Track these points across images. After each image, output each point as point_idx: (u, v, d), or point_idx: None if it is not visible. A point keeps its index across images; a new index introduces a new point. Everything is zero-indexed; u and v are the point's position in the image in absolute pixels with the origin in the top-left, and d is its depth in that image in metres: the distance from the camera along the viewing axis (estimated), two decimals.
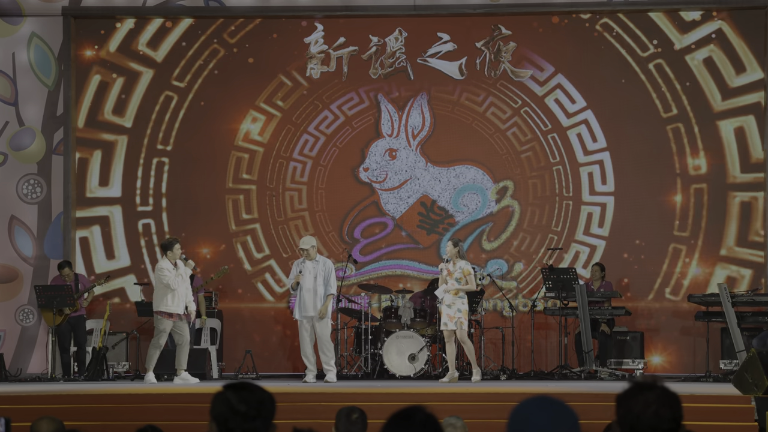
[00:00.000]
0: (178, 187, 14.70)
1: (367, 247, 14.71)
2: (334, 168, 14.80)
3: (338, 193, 14.76)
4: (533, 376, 13.00)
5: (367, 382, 12.28)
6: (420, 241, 14.69)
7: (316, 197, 14.78)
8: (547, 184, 14.55)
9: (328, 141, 14.83)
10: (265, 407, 3.31)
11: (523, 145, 14.60)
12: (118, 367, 13.70)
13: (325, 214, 14.77)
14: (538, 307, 13.72)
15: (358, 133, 14.82)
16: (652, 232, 14.19)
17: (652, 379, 3.10)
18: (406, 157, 14.75)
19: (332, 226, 14.72)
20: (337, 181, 14.77)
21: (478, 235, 14.58)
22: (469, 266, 11.87)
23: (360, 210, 14.73)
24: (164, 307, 11.92)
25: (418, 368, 12.76)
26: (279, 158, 14.84)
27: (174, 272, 11.88)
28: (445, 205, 14.65)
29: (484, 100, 14.66)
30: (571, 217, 14.40)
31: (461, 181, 14.65)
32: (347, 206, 14.75)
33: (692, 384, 11.72)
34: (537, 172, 14.60)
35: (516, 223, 14.56)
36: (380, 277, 14.59)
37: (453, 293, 11.70)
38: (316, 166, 14.81)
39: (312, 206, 14.77)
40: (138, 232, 14.68)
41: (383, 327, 13.26)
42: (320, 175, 14.79)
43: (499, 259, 14.49)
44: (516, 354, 13.47)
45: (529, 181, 14.58)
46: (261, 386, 3.37)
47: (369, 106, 14.81)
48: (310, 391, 10.30)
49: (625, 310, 13.31)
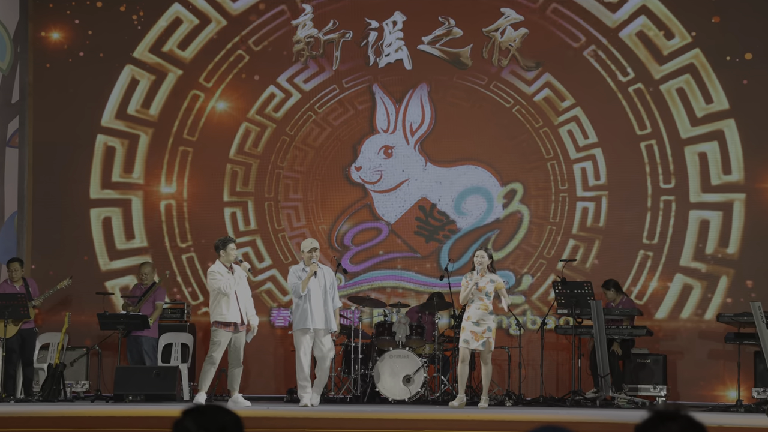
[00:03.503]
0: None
1: (358, 255, 14.75)
2: (321, 167, 14.83)
3: (327, 195, 14.81)
4: (542, 402, 12.98)
5: (357, 407, 12.17)
6: (418, 250, 14.72)
7: (305, 197, 14.81)
8: (566, 185, 14.58)
9: (313, 141, 14.88)
10: (229, 431, 3.33)
11: (534, 133, 14.63)
12: (76, 387, 13.71)
13: (312, 217, 14.79)
14: (548, 325, 13.72)
15: (350, 128, 14.87)
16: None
17: (676, 407, 3.09)
18: (403, 156, 14.79)
19: (319, 232, 14.74)
20: (326, 181, 14.81)
21: (482, 244, 14.48)
22: (501, 280, 11.91)
23: (351, 214, 14.78)
24: (219, 316, 11.83)
25: (413, 392, 12.77)
26: (255, 156, 14.80)
27: (227, 275, 11.82)
28: (447, 209, 14.69)
29: (491, 93, 14.69)
30: (672, 226, 14.27)
31: (464, 183, 14.70)
32: (337, 209, 14.81)
33: (721, 414, 11.69)
34: (552, 173, 14.64)
35: (525, 231, 14.58)
36: (373, 289, 14.64)
37: (482, 308, 11.70)
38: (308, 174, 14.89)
39: (299, 208, 14.79)
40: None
41: (375, 345, 13.28)
42: (309, 177, 14.86)
43: (505, 270, 14.48)
44: (523, 377, 13.50)
45: (542, 183, 14.63)
46: (225, 408, 3.40)
47: (363, 98, 14.84)
48: (294, 415, 10.22)
49: (647, 330, 13.31)
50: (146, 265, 14.00)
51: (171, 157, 14.86)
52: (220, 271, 11.89)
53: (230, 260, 11.95)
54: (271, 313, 14.69)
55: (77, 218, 14.82)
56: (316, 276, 11.84)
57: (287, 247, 14.76)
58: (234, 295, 11.86)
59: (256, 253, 14.74)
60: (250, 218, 14.84)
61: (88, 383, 13.84)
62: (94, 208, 14.88)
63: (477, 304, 11.70)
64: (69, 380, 13.50)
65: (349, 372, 13.26)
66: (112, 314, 13.56)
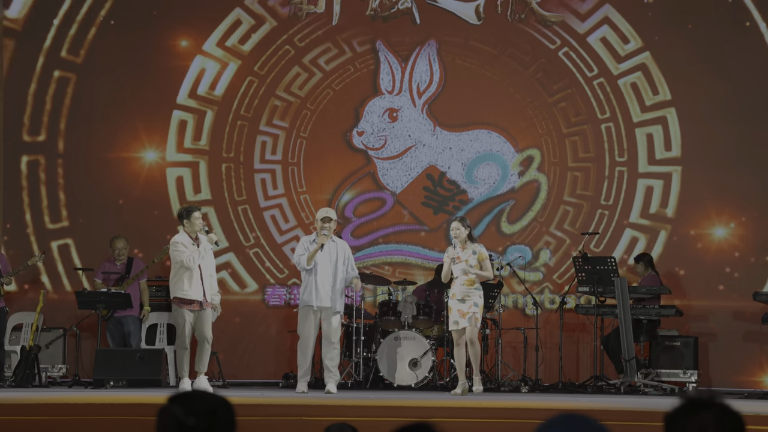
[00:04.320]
0: None
1: (360, 228, 14.78)
2: (319, 131, 14.81)
3: (326, 163, 14.78)
4: (561, 388, 13.03)
5: (359, 393, 12.25)
6: (425, 222, 14.73)
7: (299, 165, 14.80)
8: (591, 147, 14.61)
9: (313, 99, 14.83)
10: (220, 417, 3.34)
11: (555, 94, 14.65)
12: (52, 371, 13.68)
13: (309, 187, 14.80)
14: (568, 304, 13.75)
15: (352, 89, 14.85)
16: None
17: (709, 394, 3.06)
18: (409, 120, 14.79)
19: (318, 203, 14.67)
20: (325, 146, 14.80)
21: (496, 216, 14.61)
22: (484, 250, 11.87)
23: (353, 183, 14.80)
24: (180, 293, 11.63)
25: (420, 376, 12.81)
26: (241, 119, 14.84)
27: (192, 248, 11.64)
28: (457, 178, 14.71)
29: (505, 51, 14.71)
30: (624, 191, 14.50)
31: (476, 149, 14.70)
32: (337, 178, 14.81)
33: (758, 402, 11.68)
34: (573, 133, 14.65)
35: (543, 202, 14.61)
36: (376, 265, 14.68)
37: (467, 283, 11.63)
38: (298, 130, 14.87)
39: (293, 176, 14.79)
40: None
41: (379, 326, 13.31)
42: (303, 139, 14.84)
43: (521, 245, 14.55)
44: (540, 361, 13.48)
45: (559, 147, 14.63)
46: (212, 392, 3.44)
47: (365, 57, 14.82)
48: (290, 402, 10.25)
49: (676, 310, 13.29)
50: (119, 239, 13.94)
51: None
52: (184, 242, 11.64)
53: (195, 230, 11.70)
54: (265, 291, 14.67)
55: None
56: (322, 250, 11.75)
57: (284, 216, 14.75)
58: (198, 269, 11.65)
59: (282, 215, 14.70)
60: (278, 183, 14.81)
61: (65, 367, 13.82)
62: None
63: (460, 279, 11.70)
64: (44, 364, 13.43)
65: (351, 355, 13.24)
66: (92, 292, 13.57)
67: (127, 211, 14.67)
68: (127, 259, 13.91)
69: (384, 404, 10.11)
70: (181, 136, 14.81)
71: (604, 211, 14.54)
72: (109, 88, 14.76)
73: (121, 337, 13.59)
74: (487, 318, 13.31)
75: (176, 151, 14.81)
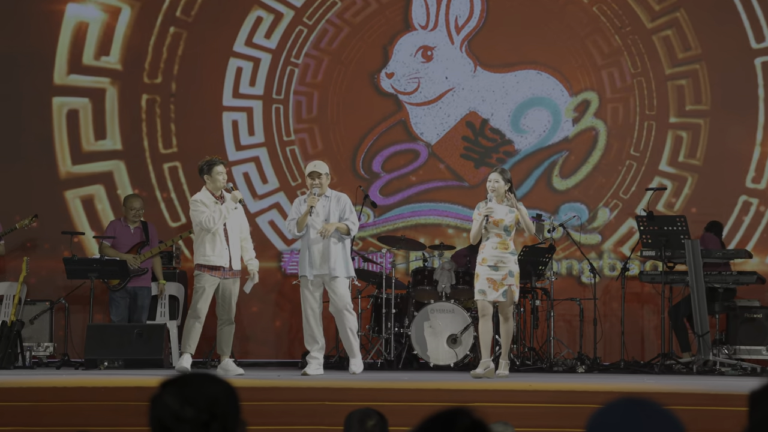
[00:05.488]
0: None
1: (390, 185, 14.87)
2: (343, 73, 14.81)
3: (350, 109, 14.80)
4: (623, 368, 13.01)
5: (389, 374, 12.26)
6: (465, 177, 14.80)
7: (320, 114, 14.85)
8: (655, 94, 14.63)
9: (334, 36, 14.87)
10: (221, 406, 3.33)
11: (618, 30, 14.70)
12: (38, 350, 13.72)
13: (333, 138, 14.82)
14: (631, 270, 13.83)
15: (380, 25, 14.88)
16: None
17: None
18: (446, 59, 14.83)
19: (342, 155, 14.70)
20: (350, 91, 14.82)
21: (547, 169, 14.68)
22: (524, 209, 11.53)
23: (381, 133, 14.83)
24: (202, 258, 11.64)
25: (461, 355, 12.83)
26: None
27: (214, 207, 11.63)
28: (501, 126, 14.77)
29: None
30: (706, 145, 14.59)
31: (524, 92, 14.77)
32: (363, 128, 14.87)
33: None
34: (639, 75, 14.64)
35: (601, 153, 14.67)
36: (408, 228, 14.73)
37: (501, 246, 11.34)
38: (316, 71, 14.92)
39: (314, 129, 14.83)
40: None
41: (412, 297, 13.36)
42: (328, 83, 14.91)
43: (576, 203, 14.59)
44: (599, 337, 13.51)
45: (622, 89, 14.63)
46: (214, 376, 3.41)
47: None
48: (309, 385, 10.13)
49: (757, 277, 13.28)
50: (135, 198, 13.96)
51: None
52: (205, 200, 11.64)
53: (218, 187, 11.69)
54: (282, 258, 14.64)
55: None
56: (311, 214, 11.61)
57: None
58: (223, 231, 11.65)
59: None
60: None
61: (53, 346, 13.85)
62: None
63: (493, 241, 11.33)
64: (28, 342, 13.47)
65: (380, 331, 13.31)
66: (83, 259, 13.60)
67: None
68: (141, 223, 13.91)
69: (417, 387, 10.12)
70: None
71: (669, 169, 14.58)
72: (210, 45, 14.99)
73: (127, 311, 13.62)
74: (537, 287, 13.32)
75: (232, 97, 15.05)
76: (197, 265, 11.68)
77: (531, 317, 13.27)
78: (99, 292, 13.73)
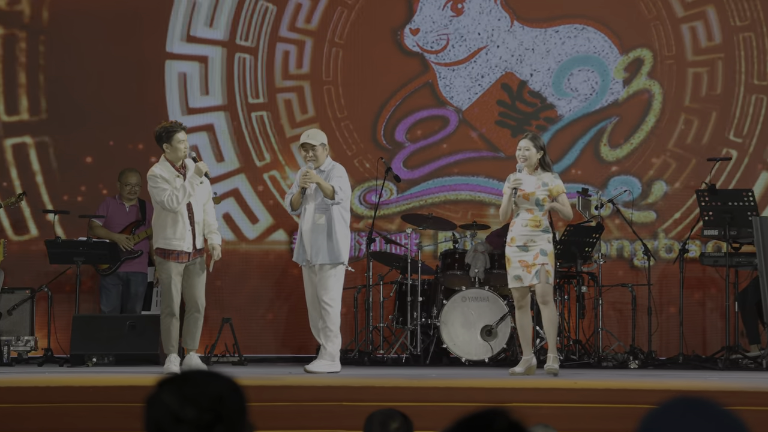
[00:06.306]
0: None
1: (415, 156, 14.89)
2: (361, 30, 14.79)
3: (369, 70, 14.87)
4: (682, 363, 12.99)
5: (415, 370, 12.33)
6: (501, 148, 14.79)
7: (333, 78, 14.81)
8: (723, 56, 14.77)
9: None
10: (226, 406, 3.34)
11: None
12: (17, 345, 13.67)
13: (348, 104, 14.83)
14: (691, 252, 13.92)
15: None
16: None
17: None
18: (479, 13, 14.89)
19: (360, 122, 14.75)
20: (367, 49, 14.85)
21: (594, 138, 14.69)
22: (560, 182, 11.42)
23: (405, 96, 14.84)
24: (162, 241, 11.40)
25: (496, 349, 12.87)
26: None
27: (177, 182, 11.39)
28: (542, 89, 14.82)
29: None
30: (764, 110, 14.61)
31: (568, 50, 14.83)
32: (385, 91, 14.87)
33: None
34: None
35: (656, 118, 14.62)
36: (436, 204, 14.78)
37: (531, 224, 11.21)
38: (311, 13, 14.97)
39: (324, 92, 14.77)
40: None
41: (442, 283, 13.41)
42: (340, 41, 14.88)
43: (628, 175, 14.59)
44: (655, 328, 13.54)
45: (676, 44, 14.70)
46: (217, 373, 3.43)
47: None
48: (325, 384, 10.25)
49: None
50: (133, 173, 13.93)
51: None
52: (165, 174, 11.29)
53: (180, 157, 11.35)
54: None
55: None
56: (305, 193, 11.47)
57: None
58: (186, 210, 11.35)
59: None
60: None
61: (34, 340, 13.79)
62: None
63: (523, 218, 11.20)
64: (6, 336, 13.47)
65: (405, 322, 13.39)
66: (67, 241, 13.63)
67: None
68: (138, 201, 13.95)
69: (447, 385, 10.15)
70: None
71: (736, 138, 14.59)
72: None
73: (119, 300, 13.74)
74: (583, 271, 13.27)
75: None
76: (158, 249, 11.48)
77: (576, 306, 13.23)
78: (86, 278, 13.80)
